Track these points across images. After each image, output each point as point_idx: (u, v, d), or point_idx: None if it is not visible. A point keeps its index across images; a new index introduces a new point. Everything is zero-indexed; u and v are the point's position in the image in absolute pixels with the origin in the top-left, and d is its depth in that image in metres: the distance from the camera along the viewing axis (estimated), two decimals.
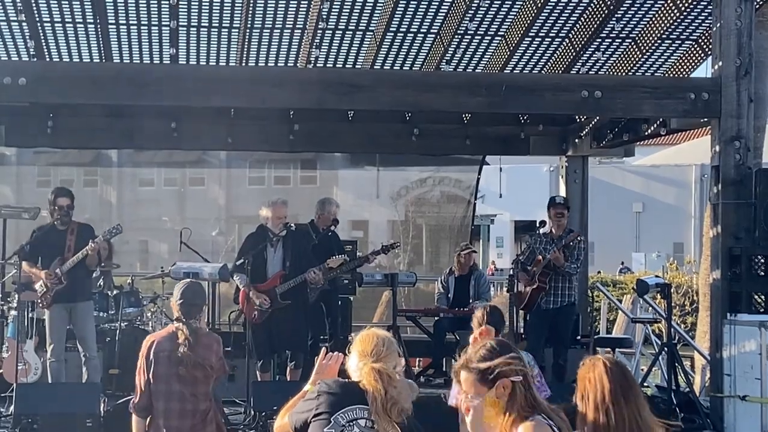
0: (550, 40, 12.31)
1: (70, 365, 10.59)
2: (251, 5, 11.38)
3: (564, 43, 12.39)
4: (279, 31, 11.92)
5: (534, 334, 11.72)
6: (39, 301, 10.51)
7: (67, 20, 11.61)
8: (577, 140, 14.33)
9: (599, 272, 29.41)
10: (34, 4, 11.26)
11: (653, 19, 11.86)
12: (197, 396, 6.83)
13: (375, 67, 12.54)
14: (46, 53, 12.14)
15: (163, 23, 11.67)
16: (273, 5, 11.41)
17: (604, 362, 4.23)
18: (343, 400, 4.71)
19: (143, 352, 6.86)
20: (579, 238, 11.78)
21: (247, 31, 11.86)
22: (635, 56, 12.50)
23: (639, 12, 11.68)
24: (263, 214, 10.73)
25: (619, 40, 12.31)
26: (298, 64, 12.53)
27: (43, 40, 11.91)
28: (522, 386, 4.08)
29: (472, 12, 11.56)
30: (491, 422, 4.08)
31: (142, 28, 11.80)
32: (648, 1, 11.50)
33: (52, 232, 10.57)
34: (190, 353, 6.72)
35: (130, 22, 11.66)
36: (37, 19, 11.53)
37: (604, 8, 11.51)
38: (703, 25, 11.73)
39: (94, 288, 11.87)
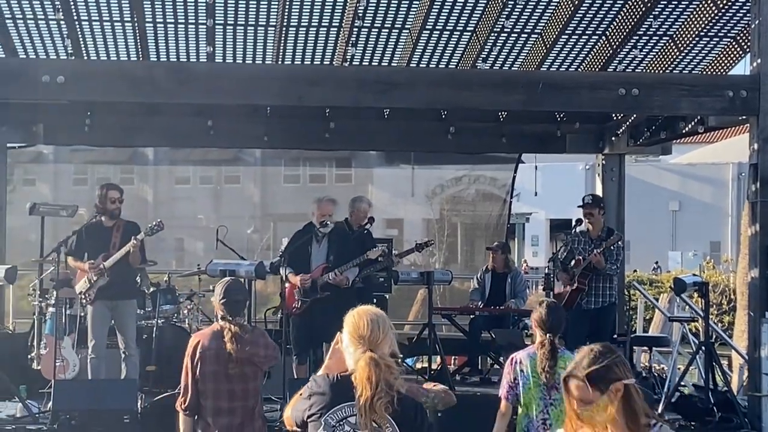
0: (587, 37, 12.26)
1: (110, 362, 10.61)
2: (288, 3, 11.40)
3: (601, 40, 12.33)
4: (315, 29, 11.93)
5: (574, 333, 11.65)
6: (82, 297, 10.55)
7: (104, 18, 11.67)
8: (613, 138, 14.24)
9: (635, 271, 29.35)
10: (71, 3, 11.33)
11: (691, 16, 11.79)
12: (247, 392, 6.82)
13: (411, 65, 12.53)
14: (84, 51, 12.20)
15: (200, 21, 11.72)
16: (309, 3, 11.42)
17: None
18: (332, 400, 4.64)
19: (189, 352, 6.83)
20: (619, 241, 11.75)
21: (284, 29, 11.88)
22: (673, 54, 12.43)
23: (677, 9, 11.61)
24: (312, 210, 10.80)
25: (657, 38, 12.24)
26: (334, 62, 12.54)
27: (80, 39, 11.97)
28: (635, 388, 4.07)
29: (509, 9, 11.53)
30: (602, 428, 4.08)
31: (179, 26, 11.85)
32: None
33: (99, 228, 10.58)
34: (239, 351, 6.71)
35: (167, 20, 11.71)
36: (75, 17, 11.60)
37: (642, 5, 11.44)
38: (742, 22, 11.64)
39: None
